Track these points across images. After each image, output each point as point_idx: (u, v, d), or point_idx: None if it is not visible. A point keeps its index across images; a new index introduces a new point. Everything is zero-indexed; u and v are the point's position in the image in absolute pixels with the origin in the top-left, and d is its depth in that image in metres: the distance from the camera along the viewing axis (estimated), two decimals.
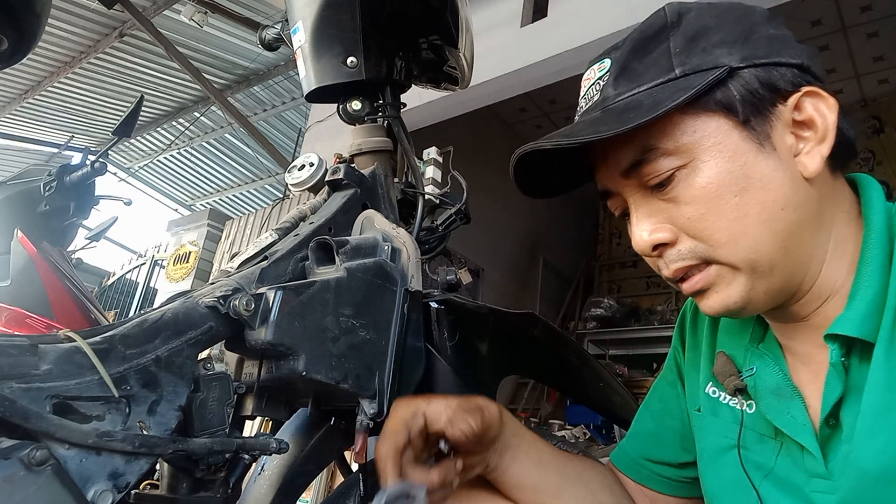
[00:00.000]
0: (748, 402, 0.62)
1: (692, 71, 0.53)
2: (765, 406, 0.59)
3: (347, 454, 0.87)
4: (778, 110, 0.53)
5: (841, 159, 0.57)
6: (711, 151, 0.52)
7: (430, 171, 3.33)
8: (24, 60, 0.84)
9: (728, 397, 0.64)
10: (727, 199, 0.52)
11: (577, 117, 0.61)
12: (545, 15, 3.57)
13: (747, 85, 0.53)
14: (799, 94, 0.53)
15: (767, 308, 0.56)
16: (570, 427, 4.24)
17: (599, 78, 0.58)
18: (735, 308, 0.54)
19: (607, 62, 0.58)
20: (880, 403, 0.49)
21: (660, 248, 0.55)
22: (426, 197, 0.90)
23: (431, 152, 3.39)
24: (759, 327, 0.64)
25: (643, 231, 0.55)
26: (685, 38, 0.55)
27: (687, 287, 0.56)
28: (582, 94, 0.61)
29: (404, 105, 0.95)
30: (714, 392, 0.66)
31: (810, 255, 0.54)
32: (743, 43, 0.54)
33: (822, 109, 0.53)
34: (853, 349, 0.52)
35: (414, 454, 0.56)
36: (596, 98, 0.58)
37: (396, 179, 0.91)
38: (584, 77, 0.61)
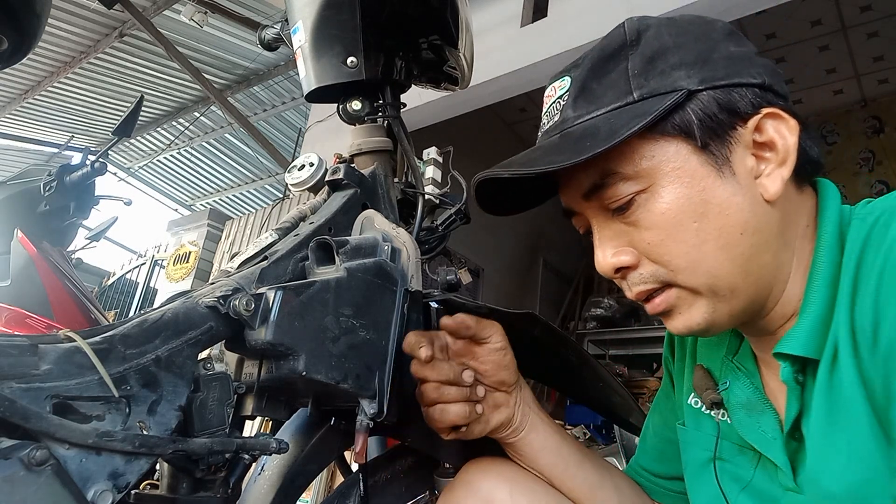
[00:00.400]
0: (724, 414, 0.63)
1: (650, 94, 0.52)
2: (736, 421, 0.60)
3: (347, 454, 0.87)
4: (738, 133, 0.52)
5: (806, 176, 0.56)
6: (670, 176, 0.52)
7: (430, 171, 3.33)
8: (24, 60, 0.84)
9: (706, 410, 0.65)
10: (686, 224, 0.51)
11: (539, 135, 0.61)
12: (545, 15, 3.57)
13: (705, 108, 0.52)
14: (759, 115, 0.53)
15: (735, 326, 0.57)
16: (570, 427, 4.24)
17: (560, 97, 0.58)
18: (699, 329, 0.55)
19: (567, 80, 0.58)
20: (824, 424, 0.49)
21: (622, 270, 0.56)
22: (426, 197, 0.90)
23: (431, 152, 3.39)
24: (735, 339, 0.64)
25: (606, 254, 0.56)
26: (643, 58, 0.54)
27: (650, 308, 0.56)
28: (544, 110, 0.61)
29: (404, 105, 0.95)
30: (696, 403, 0.67)
31: (773, 275, 0.54)
32: (702, 64, 0.53)
33: (782, 131, 0.53)
34: (807, 366, 0.52)
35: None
36: (556, 118, 0.58)
37: (396, 179, 0.91)
38: (546, 94, 0.61)
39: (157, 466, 0.56)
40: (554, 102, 0.59)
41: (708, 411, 0.65)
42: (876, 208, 0.52)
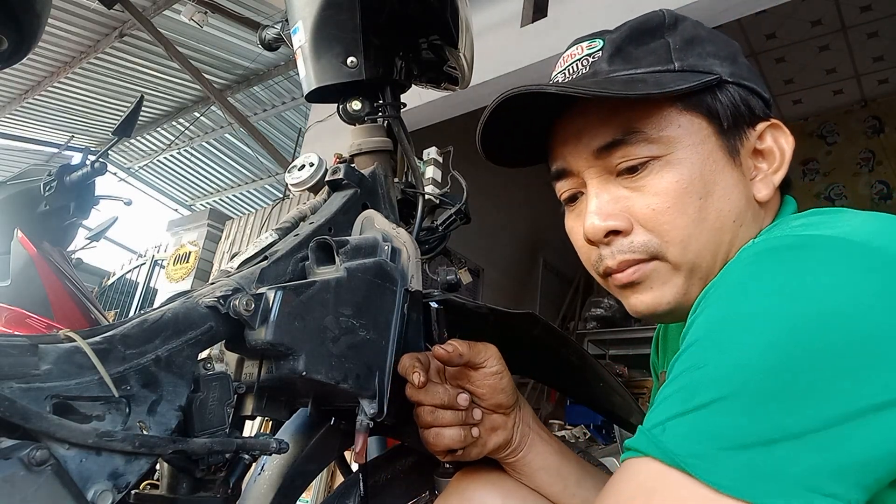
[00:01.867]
0: None
1: (689, 69, 0.54)
2: None
3: (347, 454, 0.87)
4: (748, 132, 0.56)
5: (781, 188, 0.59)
6: (690, 150, 0.53)
7: (430, 171, 3.33)
8: (24, 60, 0.84)
9: None
10: (692, 199, 0.53)
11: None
12: (545, 15, 3.57)
13: (732, 99, 0.55)
14: (766, 123, 0.57)
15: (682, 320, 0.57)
16: (570, 427, 4.23)
17: (589, 54, 0.58)
18: (665, 309, 0.55)
19: (599, 42, 0.58)
20: None
21: (611, 235, 0.55)
22: (426, 197, 0.90)
23: (431, 152, 3.39)
24: None
25: (600, 214, 0.55)
26: (682, 39, 0.56)
27: (621, 277, 0.56)
28: (560, 69, 0.61)
29: (404, 105, 0.95)
30: None
31: None
32: (731, 62, 0.56)
33: (781, 142, 0.57)
34: None
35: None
36: (584, 71, 0.58)
37: (396, 179, 0.91)
38: (566, 53, 0.61)
39: (157, 466, 0.56)
40: (579, 59, 0.59)
41: None
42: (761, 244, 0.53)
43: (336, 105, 0.92)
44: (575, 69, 0.59)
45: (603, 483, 0.71)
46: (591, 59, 0.58)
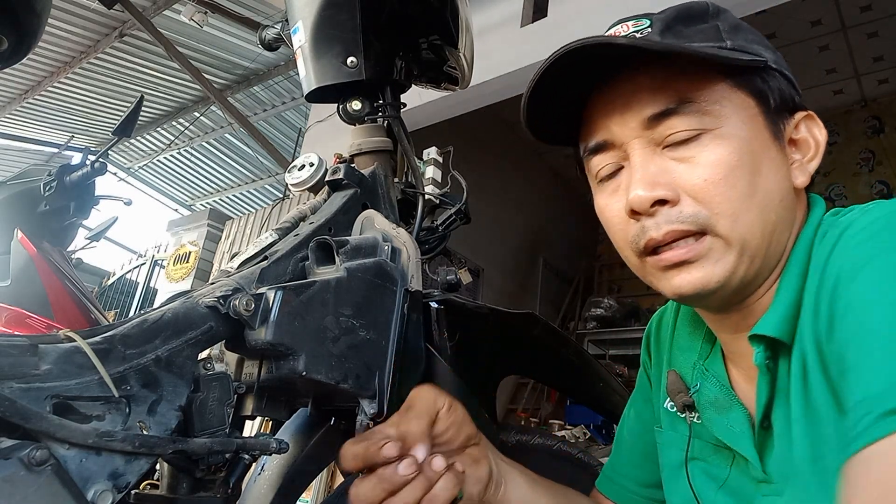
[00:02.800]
0: (696, 416, 0.64)
1: (739, 49, 0.55)
2: (706, 419, 0.61)
3: None
4: (788, 119, 0.57)
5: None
6: (740, 126, 0.53)
7: (430, 171, 3.33)
8: (24, 60, 0.84)
9: (679, 413, 0.66)
10: (743, 173, 0.52)
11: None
12: (545, 15, 3.57)
13: (779, 84, 0.56)
14: (803, 114, 0.58)
15: (725, 302, 0.56)
16: (570, 427, 4.24)
17: (637, 31, 0.57)
18: (712, 287, 0.53)
19: (646, 21, 0.58)
20: (800, 409, 0.51)
21: (657, 206, 0.53)
22: (426, 197, 0.90)
23: (431, 152, 3.39)
24: (706, 344, 0.66)
25: (647, 183, 0.53)
26: (729, 24, 0.57)
27: (671, 256, 0.54)
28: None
29: (404, 105, 0.95)
30: (671, 406, 0.68)
31: (775, 258, 0.55)
32: (772, 51, 0.57)
33: (814, 132, 0.58)
34: (779, 352, 0.54)
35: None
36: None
37: (396, 179, 0.91)
38: (610, 32, 0.60)
39: (157, 466, 0.56)
40: (627, 35, 0.58)
41: (681, 414, 0.66)
42: (854, 211, 0.54)
43: (336, 105, 0.92)
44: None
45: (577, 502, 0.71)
46: (639, 35, 0.57)
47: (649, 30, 0.56)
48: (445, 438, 0.59)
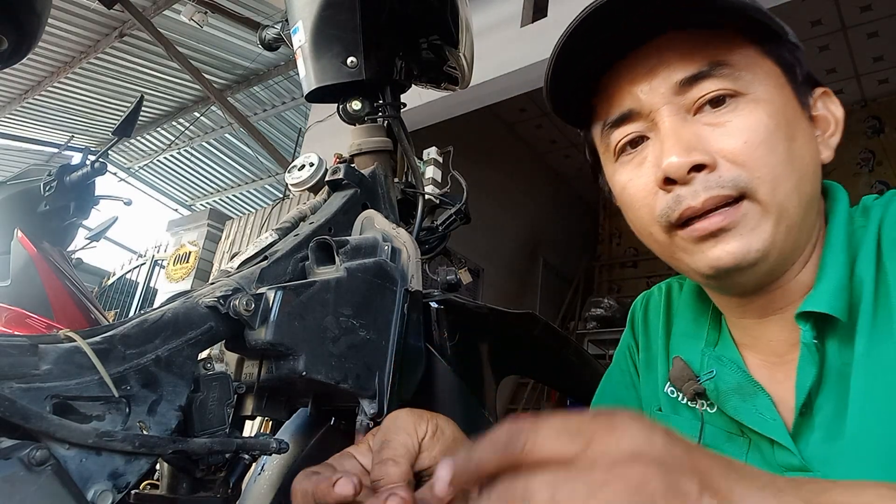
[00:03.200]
0: (707, 404, 0.61)
1: (768, 19, 0.53)
2: (731, 407, 0.58)
3: None
4: (811, 94, 0.56)
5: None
6: (772, 91, 0.52)
7: (430, 171, 3.34)
8: (24, 60, 0.84)
9: (687, 399, 0.64)
10: (779, 139, 0.51)
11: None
12: (545, 15, 3.57)
13: (802, 60, 0.55)
14: (821, 90, 0.57)
15: (763, 279, 0.54)
16: None
17: None
18: (752, 258, 0.50)
19: None
20: (870, 387, 0.48)
21: (693, 172, 0.50)
22: (426, 197, 0.90)
23: (431, 152, 3.39)
24: (713, 332, 0.64)
25: (683, 148, 0.50)
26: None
27: (707, 224, 0.50)
28: None
29: (404, 105, 0.95)
30: (672, 392, 0.66)
31: (808, 236, 0.54)
32: (793, 33, 0.56)
33: (832, 108, 0.57)
34: (828, 333, 0.52)
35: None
36: None
37: (396, 179, 0.91)
38: None
39: (157, 466, 0.56)
40: None
41: (684, 401, 0.63)
42: (888, 196, 0.54)
43: (336, 105, 0.92)
44: None
45: None
46: None
47: None
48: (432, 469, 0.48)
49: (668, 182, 0.51)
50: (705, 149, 0.50)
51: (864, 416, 0.48)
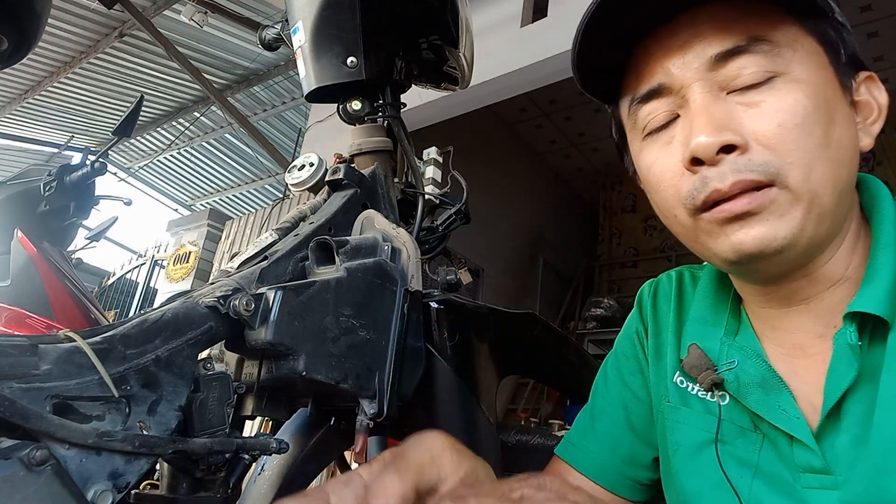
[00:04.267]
0: (721, 394, 0.59)
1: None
2: (752, 400, 0.56)
3: (347, 454, 0.87)
4: (855, 77, 0.54)
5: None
6: (812, 71, 0.49)
7: (430, 171, 3.34)
8: (24, 60, 0.84)
9: (698, 389, 0.61)
10: (817, 122, 0.48)
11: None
12: (545, 15, 3.57)
13: (847, 38, 0.52)
14: (866, 74, 0.54)
15: (790, 268, 0.52)
16: (569, 427, 4.23)
17: None
18: (777, 245, 0.48)
19: None
20: (894, 392, 0.47)
21: (722, 153, 0.48)
22: (426, 197, 0.90)
23: (431, 152, 3.40)
24: (733, 321, 0.61)
25: (713, 127, 0.48)
26: None
27: (733, 206, 0.48)
28: None
29: (404, 105, 0.95)
30: (682, 383, 0.63)
31: (841, 224, 0.52)
32: (840, 9, 0.53)
33: (876, 94, 0.54)
34: (864, 333, 0.50)
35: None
36: None
37: (396, 179, 0.91)
38: None
39: (157, 466, 0.56)
40: None
41: (695, 391, 0.61)
42: None
43: (336, 105, 0.92)
44: None
45: None
46: None
47: None
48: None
49: (696, 163, 0.49)
50: (737, 129, 0.48)
51: (891, 419, 0.47)
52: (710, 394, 0.60)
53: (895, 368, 0.47)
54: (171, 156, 7.26)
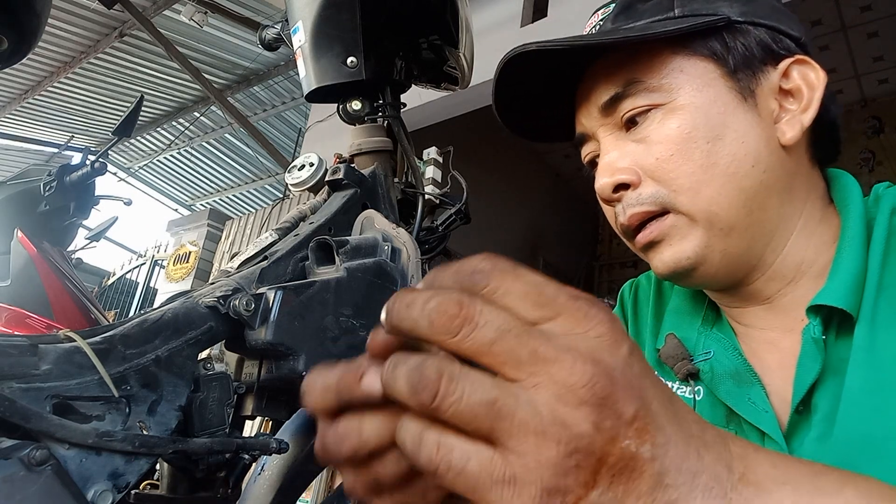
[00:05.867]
0: (696, 388, 0.60)
1: (690, 14, 0.53)
2: (724, 391, 0.56)
3: None
4: (767, 71, 0.53)
5: (822, 149, 0.57)
6: (693, 94, 0.52)
7: (430, 171, 3.34)
8: (24, 60, 0.84)
9: (675, 384, 0.62)
10: (698, 143, 0.51)
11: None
12: (545, 15, 3.57)
13: (742, 39, 0.53)
14: (790, 59, 0.54)
15: (723, 277, 0.54)
16: None
17: (602, 20, 0.59)
18: (687, 264, 0.52)
19: (612, 5, 0.59)
20: (864, 383, 0.47)
21: (620, 191, 0.54)
22: (426, 197, 0.90)
23: (431, 152, 3.40)
24: (711, 311, 0.62)
25: (607, 170, 0.54)
26: None
27: (641, 238, 0.54)
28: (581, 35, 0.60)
29: (404, 105, 0.95)
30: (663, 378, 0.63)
31: (775, 225, 0.53)
32: (745, 2, 0.54)
33: (809, 78, 0.53)
34: (829, 327, 0.51)
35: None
36: (592, 34, 0.58)
37: (396, 179, 0.91)
38: (587, 24, 0.61)
39: (157, 466, 0.56)
40: (594, 26, 0.59)
41: (676, 387, 0.62)
42: None
43: (336, 105, 0.92)
44: (589, 35, 0.58)
45: None
46: (601, 23, 0.58)
47: (610, 13, 0.58)
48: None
49: (605, 201, 0.56)
50: (631, 167, 0.53)
51: (854, 414, 0.47)
52: (686, 389, 0.60)
53: (860, 362, 0.48)
54: (171, 156, 7.26)
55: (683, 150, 0.51)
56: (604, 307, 0.28)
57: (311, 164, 0.84)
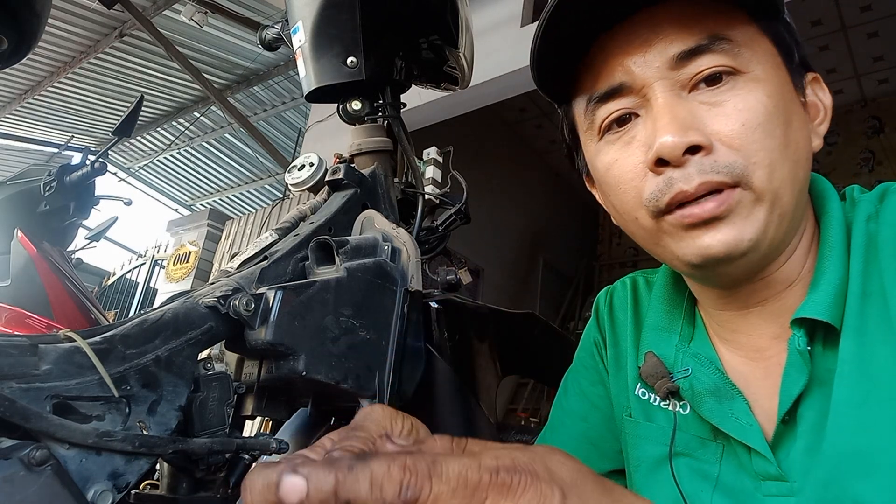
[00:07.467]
0: (681, 404, 0.58)
1: None
2: (706, 409, 0.55)
3: None
4: (805, 78, 0.53)
5: None
6: (771, 71, 0.49)
7: (430, 171, 3.34)
8: (24, 60, 0.84)
9: (659, 400, 0.60)
10: (779, 121, 0.48)
11: None
12: None
13: (798, 39, 0.53)
14: (811, 76, 0.54)
15: (753, 268, 0.51)
16: None
17: None
18: (744, 248, 0.47)
19: None
20: (851, 396, 0.46)
21: (687, 154, 0.47)
22: (426, 197, 0.90)
23: (431, 152, 3.40)
24: (687, 326, 0.61)
25: (679, 127, 0.46)
26: None
27: (699, 211, 0.47)
28: None
29: (404, 105, 0.95)
30: (644, 394, 0.62)
31: (797, 227, 0.52)
32: (787, 12, 0.53)
33: (820, 95, 0.54)
34: (815, 338, 0.50)
35: None
36: None
37: (396, 179, 0.91)
38: None
39: (157, 466, 0.56)
40: None
41: (657, 402, 0.60)
42: (879, 190, 0.52)
43: (336, 105, 0.92)
44: None
45: None
46: None
47: None
48: None
49: (660, 164, 0.48)
50: (701, 129, 0.47)
51: (843, 428, 0.46)
52: (669, 403, 0.59)
53: (846, 375, 0.47)
54: (171, 156, 7.26)
55: (769, 123, 0.47)
56: (531, 464, 0.29)
57: (311, 164, 0.84)
